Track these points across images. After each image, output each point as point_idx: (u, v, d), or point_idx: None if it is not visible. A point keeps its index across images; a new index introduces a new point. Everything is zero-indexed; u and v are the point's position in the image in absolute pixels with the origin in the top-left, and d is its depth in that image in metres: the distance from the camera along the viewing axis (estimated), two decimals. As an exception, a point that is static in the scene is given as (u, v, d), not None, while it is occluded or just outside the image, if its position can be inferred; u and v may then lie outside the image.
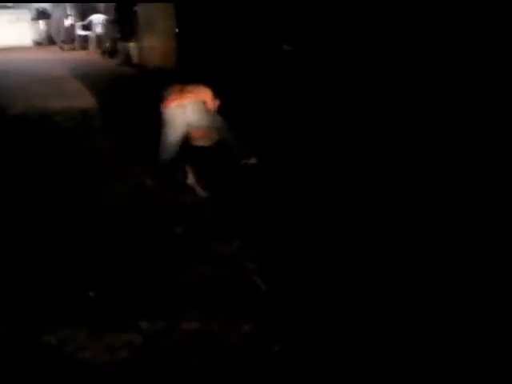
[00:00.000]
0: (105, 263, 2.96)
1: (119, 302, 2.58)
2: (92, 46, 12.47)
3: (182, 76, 4.67)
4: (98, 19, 12.05)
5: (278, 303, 2.57)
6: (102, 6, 12.87)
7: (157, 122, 4.37)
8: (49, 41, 14.13)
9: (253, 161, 4.50)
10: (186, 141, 4.44)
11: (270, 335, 2.32)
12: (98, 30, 12.02)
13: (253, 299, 2.61)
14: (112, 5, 10.91)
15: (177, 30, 9.57)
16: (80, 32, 12.71)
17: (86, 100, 6.91)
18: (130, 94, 7.12)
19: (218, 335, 2.33)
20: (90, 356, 2.20)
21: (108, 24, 11.25)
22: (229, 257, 3.03)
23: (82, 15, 12.95)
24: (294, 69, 6.39)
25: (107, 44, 11.38)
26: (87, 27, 12.48)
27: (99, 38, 12.15)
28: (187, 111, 4.21)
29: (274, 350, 2.23)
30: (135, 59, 9.81)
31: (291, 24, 6.70)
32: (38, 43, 14.19)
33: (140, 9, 9.66)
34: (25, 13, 13.93)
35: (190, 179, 4.17)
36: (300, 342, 2.29)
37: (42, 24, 14.28)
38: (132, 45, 10.00)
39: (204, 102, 4.35)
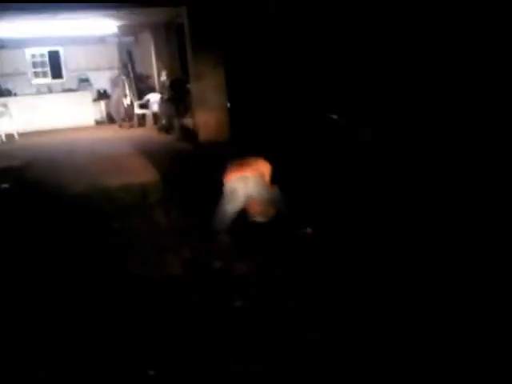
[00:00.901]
0: (165, 341, 3.02)
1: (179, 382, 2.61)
2: (149, 123, 13.08)
3: (236, 148, 4.84)
4: (154, 98, 12.67)
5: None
6: (157, 85, 13.59)
7: (213, 193, 4.53)
8: (109, 120, 14.91)
9: (308, 230, 4.57)
10: (244, 216, 4.58)
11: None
12: (155, 107, 12.63)
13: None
14: (167, 84, 11.51)
15: (229, 105, 9.98)
16: (138, 110, 13.39)
17: (144, 176, 7.20)
18: (186, 169, 7.39)
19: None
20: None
21: (164, 102, 11.81)
22: (291, 332, 3.04)
23: (140, 94, 13.68)
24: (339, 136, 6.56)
25: (163, 121, 11.91)
26: (144, 106, 13.14)
27: (156, 116, 12.75)
28: (249, 183, 4.38)
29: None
30: (190, 134, 10.21)
31: (339, 95, 6.92)
32: (99, 122, 15.00)
33: (193, 86, 10.15)
34: (87, 95, 14.84)
35: None
36: None
37: (102, 104, 15.16)
38: (187, 121, 10.44)
39: (263, 175, 4.50)
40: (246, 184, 4.39)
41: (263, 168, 4.57)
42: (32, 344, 3.04)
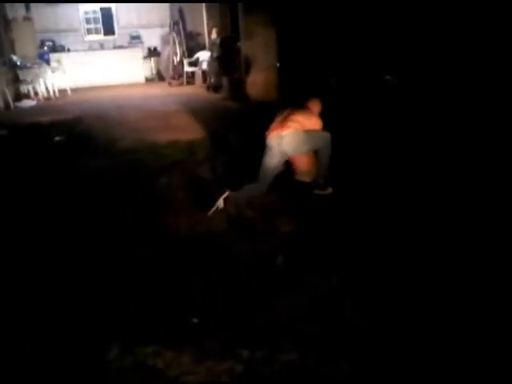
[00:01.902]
0: (206, 290, 3.06)
1: (221, 330, 2.65)
2: (198, 81, 13.07)
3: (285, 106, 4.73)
4: (203, 56, 12.63)
5: (377, 341, 2.52)
6: (207, 43, 13.51)
7: (256, 151, 4.50)
8: (159, 77, 15.00)
9: (329, 191, 4.56)
10: (290, 172, 4.56)
11: (368, 373, 2.28)
12: (204, 66, 12.60)
13: (351, 336, 2.58)
14: (217, 42, 11.42)
15: (278, 64, 9.83)
16: (187, 68, 13.39)
17: (191, 133, 7.23)
18: (233, 127, 7.37)
19: (316, 369, 2.33)
20: (193, 381, 2.28)
21: (213, 60, 11.76)
22: (327, 290, 3.02)
23: (190, 52, 13.66)
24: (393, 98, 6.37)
25: (212, 79, 11.88)
26: (194, 64, 13.13)
27: (205, 74, 12.72)
28: (283, 142, 4.30)
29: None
30: (239, 93, 10.14)
31: (390, 55, 6.70)
32: (149, 80, 15.11)
33: (243, 44, 10.04)
34: (138, 51, 14.93)
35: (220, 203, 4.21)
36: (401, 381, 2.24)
37: (152, 61, 15.24)
38: (236, 79, 10.37)
39: (308, 129, 4.40)
40: (280, 143, 4.29)
41: (311, 116, 4.45)
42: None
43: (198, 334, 2.62)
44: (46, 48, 14.02)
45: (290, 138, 4.30)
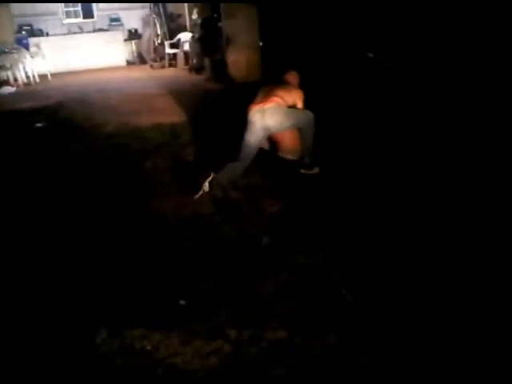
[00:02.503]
0: (193, 272, 3.07)
1: (208, 311, 2.67)
2: (180, 63, 12.93)
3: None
4: (185, 37, 12.48)
5: (364, 315, 2.56)
6: (188, 24, 13.34)
7: (239, 132, 4.49)
8: (140, 60, 14.81)
9: (315, 171, 4.55)
10: (275, 150, 4.55)
11: (355, 347, 2.32)
12: (186, 47, 12.45)
13: (338, 310, 2.61)
14: (199, 23, 11.29)
15: (260, 44, 9.75)
16: (169, 50, 13.24)
17: (174, 116, 7.18)
18: (216, 109, 7.33)
19: (303, 345, 2.36)
20: (181, 362, 2.30)
21: (194, 41, 11.62)
22: (313, 268, 3.05)
23: (171, 34, 13.48)
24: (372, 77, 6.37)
25: (194, 61, 11.76)
26: (175, 45, 12.97)
27: (187, 56, 12.59)
28: (265, 116, 4.27)
29: (360, 362, 2.22)
30: (221, 74, 10.06)
31: (374, 33, 6.67)
32: (130, 63, 14.92)
33: (224, 25, 9.93)
34: (118, 34, 14.71)
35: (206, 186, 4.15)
36: (386, 354, 2.27)
37: (133, 44, 15.03)
38: (217, 60, 10.27)
39: (291, 104, 4.40)
40: (262, 117, 4.26)
41: (293, 93, 4.44)
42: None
43: (185, 315, 2.64)
44: (24, 33, 13.74)
45: (273, 111, 4.26)
